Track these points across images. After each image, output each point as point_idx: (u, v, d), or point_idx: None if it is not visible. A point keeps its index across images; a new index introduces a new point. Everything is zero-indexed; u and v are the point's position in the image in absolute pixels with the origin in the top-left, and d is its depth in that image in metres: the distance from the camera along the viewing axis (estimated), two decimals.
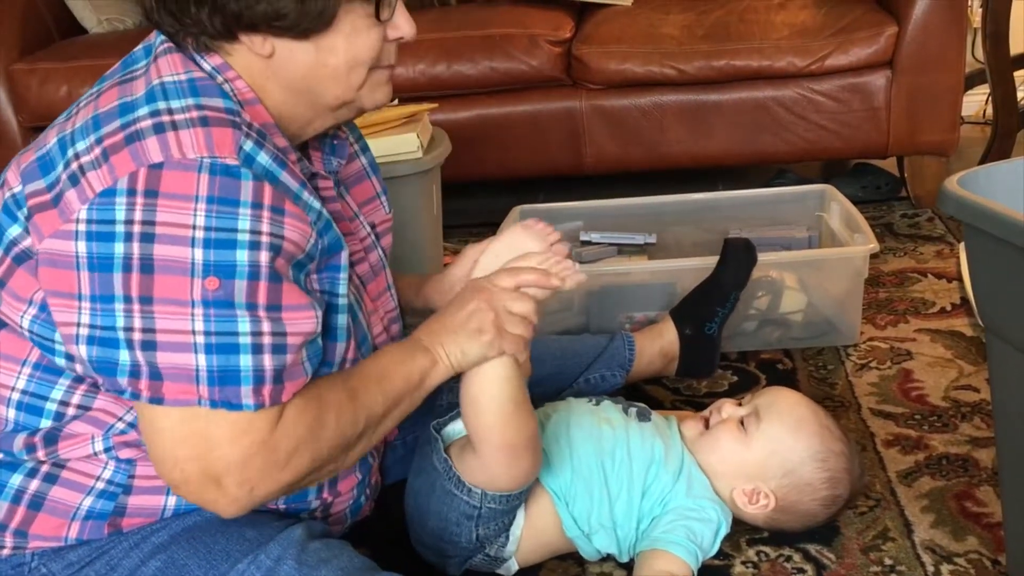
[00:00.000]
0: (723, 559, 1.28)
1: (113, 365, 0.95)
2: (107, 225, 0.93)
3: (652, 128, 2.38)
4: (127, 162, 0.94)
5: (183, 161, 0.94)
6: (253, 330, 0.95)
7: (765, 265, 1.73)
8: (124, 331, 0.94)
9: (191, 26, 1.01)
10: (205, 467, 0.96)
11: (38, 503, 1.05)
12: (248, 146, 0.97)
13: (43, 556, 1.06)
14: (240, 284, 0.94)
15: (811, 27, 2.32)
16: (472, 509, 1.19)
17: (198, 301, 0.93)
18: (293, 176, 1.01)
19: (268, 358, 0.96)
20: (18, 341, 1.03)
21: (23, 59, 2.52)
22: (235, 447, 0.96)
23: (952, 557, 1.25)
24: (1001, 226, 0.93)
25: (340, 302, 1.08)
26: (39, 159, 1.00)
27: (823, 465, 1.26)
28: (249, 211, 0.95)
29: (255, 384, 0.96)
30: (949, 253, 2.15)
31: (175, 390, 0.95)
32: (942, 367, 1.70)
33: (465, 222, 2.55)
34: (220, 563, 1.04)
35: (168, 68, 1.01)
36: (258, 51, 1.03)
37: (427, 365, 1.11)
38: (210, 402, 0.95)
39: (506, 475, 1.16)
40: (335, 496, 1.17)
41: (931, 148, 2.35)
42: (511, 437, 1.14)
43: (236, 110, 1.00)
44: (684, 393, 1.69)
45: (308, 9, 1.01)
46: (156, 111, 0.97)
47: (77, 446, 1.05)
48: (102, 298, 0.94)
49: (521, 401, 1.16)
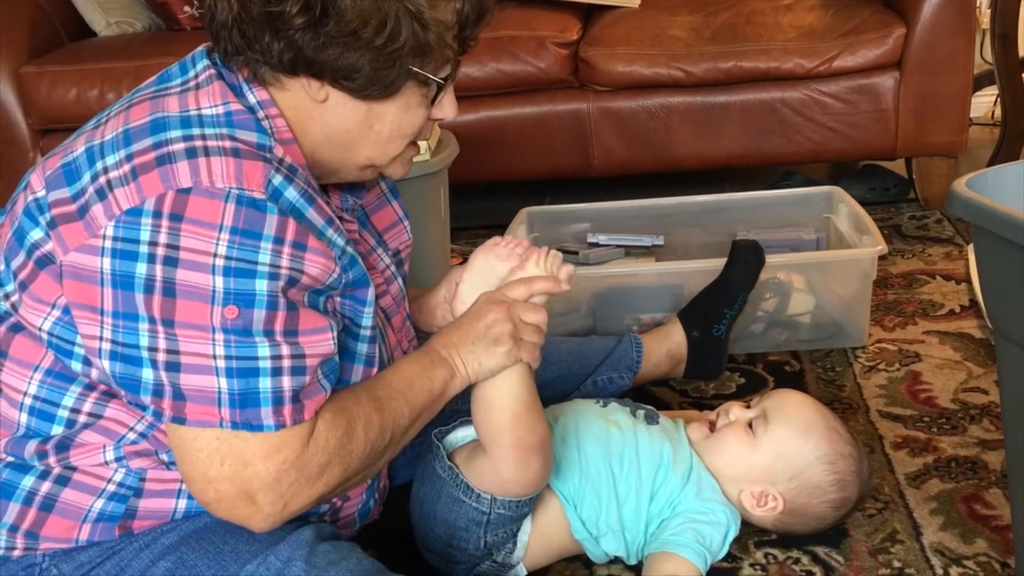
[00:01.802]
0: (731, 561, 1.28)
1: (136, 382, 0.97)
2: (131, 244, 0.94)
3: (659, 130, 2.38)
4: (156, 184, 0.95)
5: (211, 189, 0.95)
6: (272, 354, 0.97)
7: (773, 267, 1.73)
8: (148, 350, 0.95)
9: (257, 53, 1.02)
10: (239, 485, 0.98)
11: (49, 505, 1.05)
12: (277, 180, 0.98)
13: (54, 557, 1.06)
14: (259, 313, 0.96)
15: (819, 29, 2.32)
16: (481, 515, 1.18)
17: (218, 328, 0.95)
18: (320, 213, 1.03)
19: (287, 379, 0.98)
20: (32, 346, 1.03)
21: (32, 62, 2.53)
22: (269, 464, 0.98)
23: (961, 559, 1.25)
24: (1010, 228, 0.93)
25: (362, 333, 1.10)
26: (64, 166, 1.00)
27: (832, 468, 1.26)
28: (271, 246, 0.96)
29: (275, 405, 0.97)
30: (958, 255, 2.15)
31: (197, 411, 0.96)
32: (951, 369, 1.69)
33: (472, 224, 2.55)
34: (230, 564, 1.05)
35: (207, 99, 1.02)
36: (312, 95, 1.04)
37: (447, 376, 1.13)
38: (231, 424, 0.96)
39: (517, 478, 1.16)
40: (344, 500, 1.17)
41: (939, 150, 2.35)
42: (524, 437, 1.15)
43: (269, 145, 1.02)
44: (691, 395, 1.69)
45: (379, 77, 1.03)
46: (190, 136, 0.98)
47: (88, 454, 1.05)
48: (125, 315, 0.95)
49: (533, 403, 1.17)
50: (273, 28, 1.00)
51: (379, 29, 1.00)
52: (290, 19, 0.99)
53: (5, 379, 1.05)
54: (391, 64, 1.02)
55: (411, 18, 1.01)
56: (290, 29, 0.99)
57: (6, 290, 1.03)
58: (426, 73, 1.05)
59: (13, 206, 1.05)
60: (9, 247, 1.03)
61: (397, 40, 1.01)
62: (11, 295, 1.02)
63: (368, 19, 1.00)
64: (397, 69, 1.03)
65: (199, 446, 0.97)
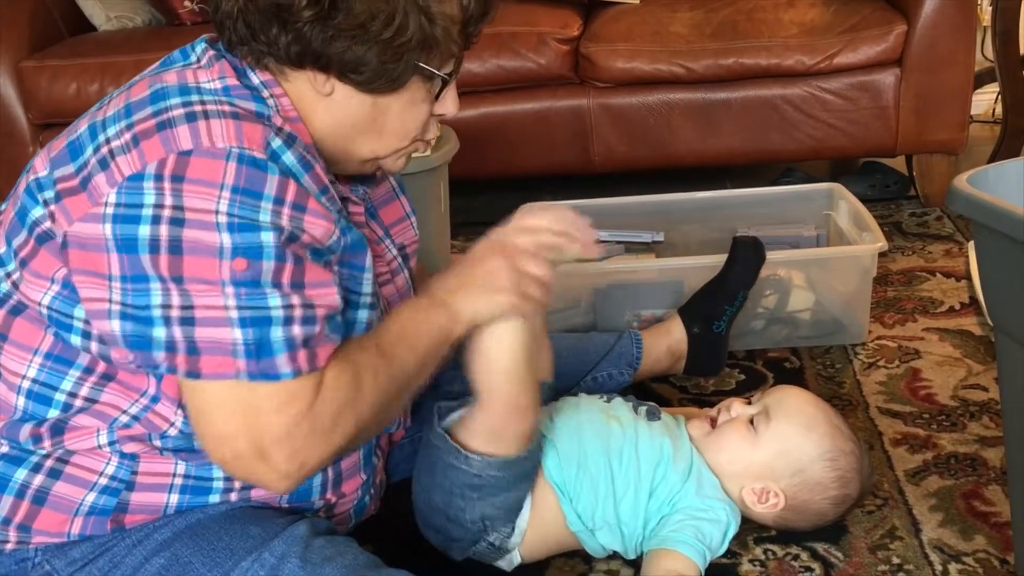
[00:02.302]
0: (730, 557, 1.28)
1: (148, 340, 0.96)
2: (135, 209, 0.95)
3: (660, 126, 2.38)
4: (157, 148, 0.95)
5: (211, 149, 0.95)
6: (284, 303, 0.97)
7: (773, 263, 1.73)
8: (161, 308, 0.95)
9: (262, 44, 1.02)
10: (252, 440, 0.97)
11: (41, 498, 1.05)
12: (276, 143, 0.99)
13: (46, 552, 1.06)
14: (268, 264, 0.96)
15: (820, 25, 2.32)
16: (474, 478, 1.18)
17: (227, 280, 0.95)
18: (315, 180, 1.03)
19: (298, 328, 0.98)
20: (32, 330, 1.04)
21: (32, 56, 2.53)
22: (281, 416, 0.97)
23: (960, 556, 1.25)
24: (1010, 224, 0.93)
25: (362, 300, 1.09)
26: (69, 144, 1.02)
27: (833, 464, 1.26)
28: (271, 206, 0.96)
29: (289, 352, 0.97)
30: (958, 252, 2.15)
31: (213, 363, 0.96)
32: (950, 366, 1.69)
33: (472, 220, 2.54)
34: (224, 560, 1.04)
35: (206, 75, 1.03)
36: (318, 88, 1.05)
37: (447, 322, 1.12)
38: (248, 374, 0.96)
39: (509, 432, 1.17)
40: (339, 497, 1.17)
41: (940, 147, 2.34)
42: (516, 395, 1.16)
43: (267, 115, 1.02)
44: (691, 392, 1.69)
45: (386, 70, 1.03)
46: (189, 102, 0.99)
47: (82, 438, 1.05)
48: (134, 278, 0.95)
49: (528, 360, 1.17)
50: (281, 20, 1.00)
51: (388, 23, 1.00)
52: (299, 12, 0.99)
53: (4, 363, 1.05)
54: (398, 58, 1.03)
55: (419, 12, 1.02)
56: (298, 22, 0.99)
57: (7, 269, 1.04)
58: (431, 68, 1.06)
59: (16, 189, 1.06)
60: (11, 226, 1.04)
61: (405, 34, 1.01)
62: (12, 274, 1.03)
63: (377, 13, 1.00)
64: (404, 63, 1.03)
65: (211, 401, 0.97)
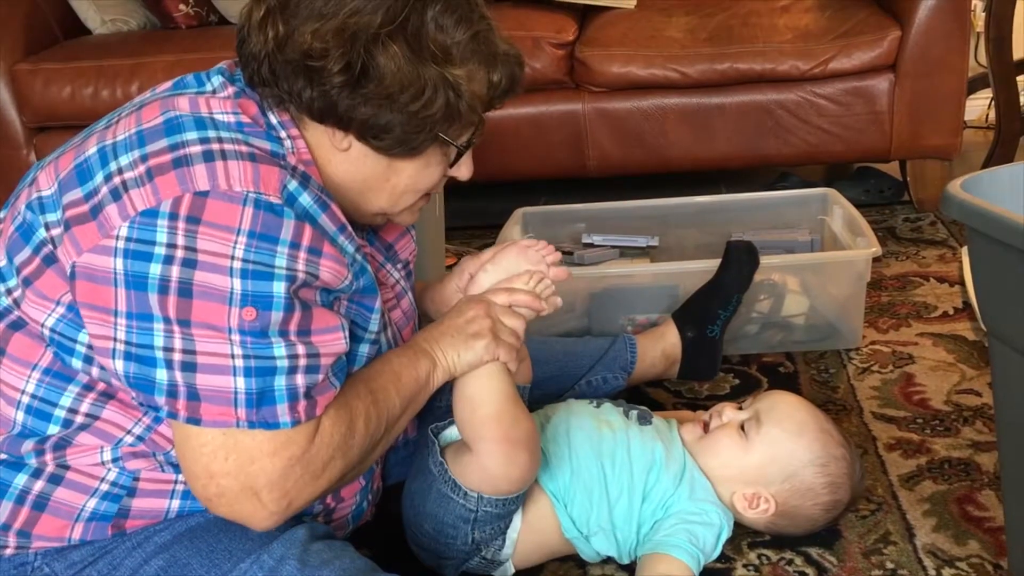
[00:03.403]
0: (724, 562, 1.28)
1: (150, 383, 0.96)
2: (147, 245, 0.94)
3: (655, 131, 2.38)
4: (173, 186, 0.95)
5: (229, 193, 0.95)
6: (289, 353, 0.97)
7: (767, 268, 1.73)
8: (163, 351, 0.95)
9: (284, 92, 1.02)
10: (243, 481, 0.98)
11: (42, 504, 1.05)
12: (292, 186, 0.99)
13: (46, 556, 1.06)
14: (276, 315, 0.96)
15: (814, 31, 2.33)
16: (468, 512, 1.19)
17: (235, 328, 0.95)
18: (332, 219, 1.03)
19: (301, 377, 0.98)
20: (31, 344, 1.03)
21: (27, 59, 2.52)
22: (276, 460, 0.98)
23: (954, 561, 1.25)
24: (1004, 230, 0.93)
25: (367, 336, 1.11)
26: (77, 167, 1.00)
27: (824, 470, 1.26)
28: (287, 250, 0.96)
29: (290, 402, 0.98)
30: (951, 257, 2.15)
31: (213, 412, 0.96)
32: (944, 371, 1.70)
33: (467, 224, 2.55)
34: (223, 562, 1.05)
35: (219, 106, 1.02)
36: (336, 143, 1.06)
37: (429, 367, 1.15)
38: (248, 423, 0.97)
39: (504, 473, 1.17)
40: (338, 502, 1.17)
41: (934, 152, 2.35)
42: (508, 430, 1.16)
43: (282, 154, 1.02)
44: (685, 396, 1.69)
45: (408, 139, 1.04)
46: (207, 138, 0.98)
47: (85, 454, 1.05)
48: (139, 316, 0.95)
49: (515, 397, 1.19)
50: (308, 78, 1.00)
51: (416, 96, 1.01)
52: (329, 76, 0.99)
53: (3, 377, 1.04)
54: (421, 128, 1.04)
55: (447, 88, 1.03)
56: (327, 84, 1.00)
57: (8, 284, 1.03)
58: (449, 139, 1.07)
59: (15, 200, 1.05)
60: (12, 242, 1.02)
61: (432, 108, 1.02)
62: (13, 290, 1.02)
63: (408, 85, 1.01)
64: (426, 133, 1.05)
65: (204, 442, 0.97)
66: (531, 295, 1.23)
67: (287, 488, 0.99)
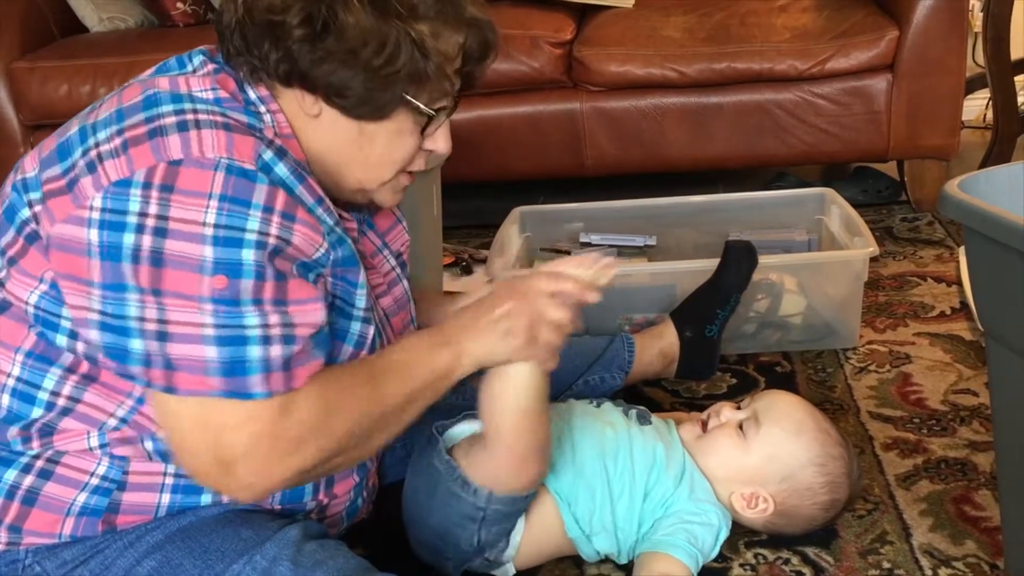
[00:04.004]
0: (721, 561, 1.28)
1: (125, 352, 0.96)
2: (119, 215, 0.94)
3: (652, 130, 2.38)
4: (147, 155, 0.95)
5: (202, 160, 0.95)
6: (260, 323, 0.97)
7: (765, 268, 1.73)
8: (137, 320, 0.95)
9: (255, 59, 1.03)
10: (217, 455, 0.98)
11: (32, 499, 1.05)
12: (267, 155, 0.99)
13: (37, 553, 1.06)
14: (246, 283, 0.96)
15: (812, 30, 2.33)
16: (477, 511, 1.18)
17: (206, 297, 0.95)
18: (310, 191, 1.03)
19: (277, 348, 0.98)
20: (14, 327, 1.03)
21: (24, 57, 2.52)
22: (241, 433, 0.97)
23: (950, 561, 1.25)
24: (1001, 230, 0.93)
25: (356, 313, 1.09)
26: (58, 146, 1.02)
27: (822, 470, 1.26)
28: (260, 213, 0.96)
29: (264, 372, 0.97)
30: (949, 257, 2.15)
31: (188, 380, 0.96)
32: (941, 371, 1.70)
33: (465, 223, 2.55)
34: (215, 563, 1.04)
35: (198, 84, 1.03)
36: (306, 108, 1.05)
37: (451, 360, 1.11)
38: (221, 392, 0.96)
39: (515, 478, 1.17)
40: (331, 498, 1.17)
41: (931, 152, 2.35)
42: (526, 442, 1.15)
43: (259, 127, 1.02)
44: (683, 395, 1.69)
45: (371, 98, 1.03)
46: (182, 110, 0.98)
47: (72, 439, 1.05)
48: (113, 287, 0.95)
49: (540, 411, 1.16)
50: (273, 37, 1.00)
51: (378, 51, 1.01)
52: (290, 30, 0.99)
53: None
54: (385, 87, 1.03)
55: (412, 44, 1.02)
56: (289, 39, 1.00)
57: None
58: (418, 103, 1.06)
59: (3, 188, 1.06)
60: None
61: (395, 64, 1.01)
62: None
63: (368, 39, 1.00)
64: (390, 93, 1.04)
65: (180, 412, 0.98)
66: (580, 284, 1.14)
67: (259, 464, 0.98)
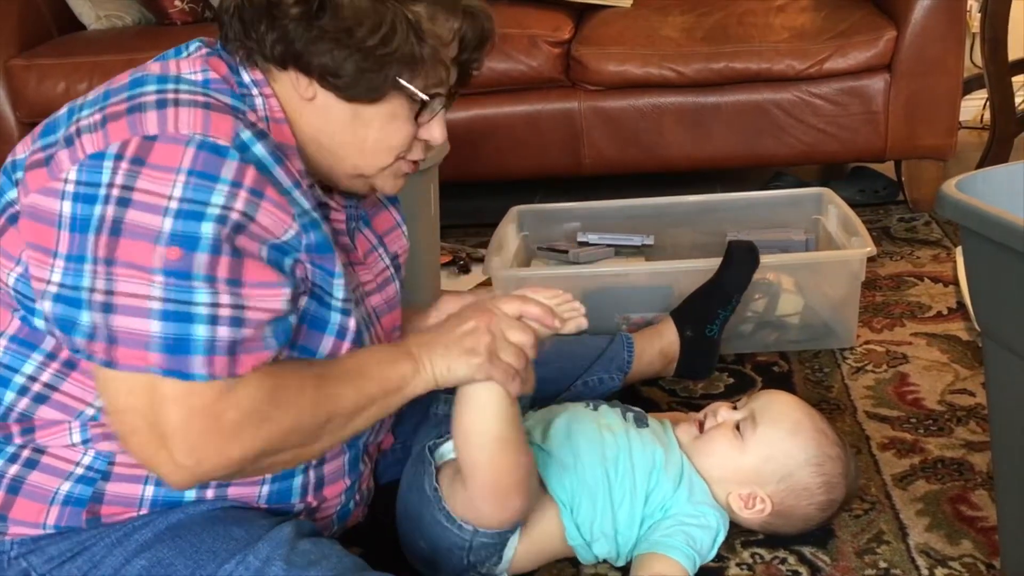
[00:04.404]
0: (718, 561, 1.28)
1: (72, 324, 0.95)
2: (92, 188, 0.94)
3: (650, 130, 2.38)
4: (123, 130, 0.95)
5: (175, 135, 0.95)
6: (210, 301, 0.94)
7: (762, 267, 1.72)
8: (88, 291, 0.94)
9: (252, 42, 1.03)
10: (152, 427, 0.94)
11: (16, 487, 1.04)
12: (246, 135, 0.98)
13: (22, 545, 1.05)
14: (201, 257, 0.94)
15: (810, 30, 2.33)
16: (463, 542, 1.17)
17: (157, 269, 0.93)
18: (287, 174, 1.02)
19: (224, 330, 0.95)
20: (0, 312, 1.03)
21: (21, 54, 2.52)
22: (179, 407, 0.94)
23: (947, 560, 1.25)
24: (999, 230, 0.93)
25: (334, 303, 1.07)
26: (45, 125, 1.03)
27: (820, 469, 1.26)
28: (227, 188, 0.95)
29: (207, 354, 0.94)
30: (946, 257, 2.16)
31: (128, 355, 0.93)
32: (938, 371, 1.70)
33: (463, 222, 2.55)
34: (207, 563, 1.03)
35: (188, 66, 1.03)
36: (301, 92, 1.05)
37: (408, 373, 1.08)
38: (161, 370, 0.93)
39: (495, 516, 1.15)
40: (321, 501, 1.15)
41: (929, 152, 2.35)
42: (501, 478, 1.13)
43: (243, 110, 1.02)
44: (680, 395, 1.69)
45: (364, 79, 1.03)
46: (164, 89, 0.98)
47: (55, 435, 1.04)
48: (75, 258, 0.94)
49: (513, 440, 1.12)
50: (270, 17, 1.01)
51: (373, 31, 1.00)
52: (287, 8, 1.00)
53: None
54: (378, 68, 1.02)
55: (407, 26, 1.01)
56: (285, 18, 1.00)
57: None
58: (412, 87, 1.05)
59: None
60: None
61: (389, 45, 1.01)
62: None
63: (363, 19, 1.00)
64: (384, 75, 1.03)
65: (119, 389, 0.95)
66: (546, 309, 1.14)
67: (192, 442, 0.94)
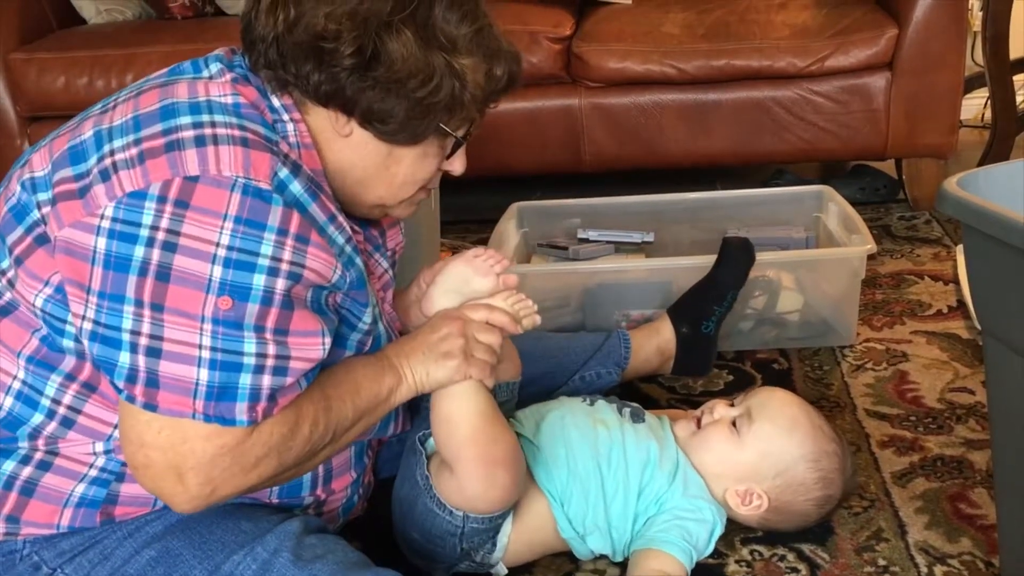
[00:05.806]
0: (717, 558, 1.28)
1: (112, 365, 0.96)
2: (132, 227, 0.94)
3: (651, 127, 2.38)
4: (163, 169, 0.95)
5: (218, 178, 0.94)
6: (258, 351, 0.96)
7: (762, 265, 1.73)
8: (130, 334, 0.94)
9: (290, 75, 1.02)
10: (171, 459, 0.96)
11: (30, 489, 1.05)
12: (283, 173, 0.98)
13: (35, 544, 1.06)
14: (252, 308, 0.95)
15: (811, 28, 2.32)
16: (455, 528, 1.18)
17: (208, 317, 0.94)
18: (323, 209, 1.03)
19: (267, 378, 0.97)
20: (17, 332, 1.02)
21: (21, 48, 2.51)
22: (208, 445, 0.96)
23: (946, 558, 1.25)
24: (1000, 227, 0.93)
25: (360, 326, 1.11)
26: (71, 148, 1.01)
27: (816, 465, 1.26)
28: (274, 237, 0.96)
29: (251, 401, 0.96)
30: (946, 255, 2.15)
31: (171, 400, 0.95)
32: (938, 369, 1.70)
33: (463, 219, 2.55)
34: (215, 554, 1.04)
35: (217, 89, 1.02)
36: (338, 128, 1.06)
37: (393, 383, 1.13)
38: (204, 416, 0.95)
39: (483, 495, 1.15)
40: (329, 494, 1.17)
41: (929, 150, 2.35)
42: (487, 450, 1.14)
43: (275, 140, 1.02)
44: (679, 392, 1.69)
45: (411, 126, 1.05)
46: (200, 123, 0.98)
47: (76, 444, 1.05)
48: (112, 296, 0.94)
49: (494, 415, 1.17)
50: (318, 60, 1.01)
51: (424, 83, 1.02)
52: (340, 58, 1.00)
53: None
54: (424, 116, 1.05)
55: (453, 77, 1.04)
56: (336, 66, 1.00)
57: (1, 266, 1.02)
58: (449, 129, 1.08)
59: (8, 183, 1.05)
60: (5, 222, 1.02)
61: (438, 95, 1.04)
62: (7, 271, 1.02)
63: (416, 72, 1.02)
64: (428, 121, 1.05)
65: (150, 427, 0.96)
66: (506, 314, 1.20)
67: (213, 475, 0.97)
